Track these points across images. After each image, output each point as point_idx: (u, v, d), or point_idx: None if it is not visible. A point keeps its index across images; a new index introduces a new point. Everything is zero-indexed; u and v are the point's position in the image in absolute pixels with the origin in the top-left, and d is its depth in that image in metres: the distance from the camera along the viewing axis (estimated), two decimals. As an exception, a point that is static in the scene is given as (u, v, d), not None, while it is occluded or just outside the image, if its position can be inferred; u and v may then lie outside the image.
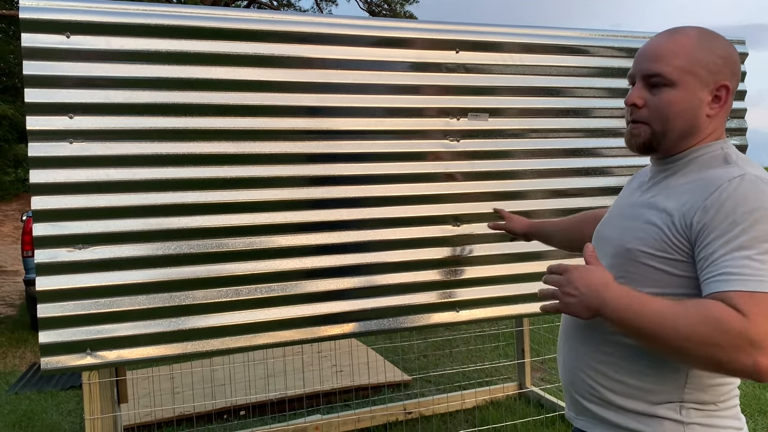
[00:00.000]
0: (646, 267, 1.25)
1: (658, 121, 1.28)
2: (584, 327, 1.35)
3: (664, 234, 1.22)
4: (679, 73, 1.25)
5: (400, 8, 21.21)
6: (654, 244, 1.23)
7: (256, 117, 2.31)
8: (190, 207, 2.22)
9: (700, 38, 1.27)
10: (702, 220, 1.16)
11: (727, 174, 1.18)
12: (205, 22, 2.24)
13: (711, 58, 1.25)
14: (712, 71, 1.25)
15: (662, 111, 1.27)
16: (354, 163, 2.42)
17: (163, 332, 2.18)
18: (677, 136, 1.29)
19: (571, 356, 1.40)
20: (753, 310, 1.05)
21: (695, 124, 1.28)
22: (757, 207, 1.11)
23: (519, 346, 4.46)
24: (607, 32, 2.91)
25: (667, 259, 1.22)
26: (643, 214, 1.29)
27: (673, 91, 1.26)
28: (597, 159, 2.87)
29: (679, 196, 1.24)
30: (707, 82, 1.25)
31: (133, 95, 2.17)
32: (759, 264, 1.08)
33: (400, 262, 2.47)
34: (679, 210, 1.21)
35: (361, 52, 2.42)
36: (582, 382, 1.35)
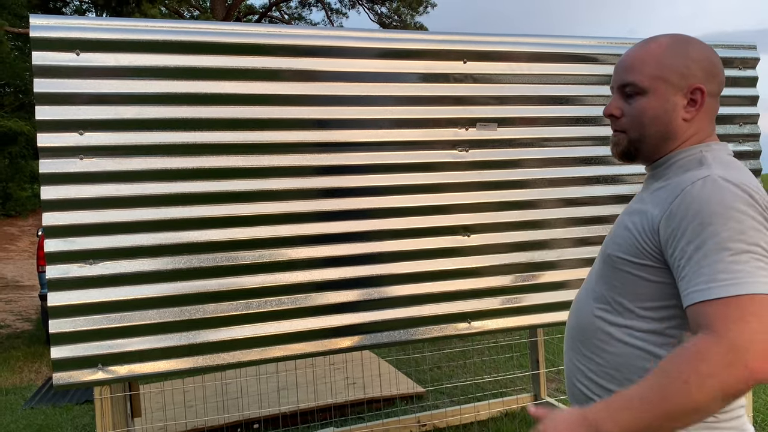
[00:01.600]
0: (624, 273, 1.24)
1: (635, 128, 1.30)
2: (578, 337, 1.35)
3: (635, 238, 1.22)
4: (650, 81, 1.26)
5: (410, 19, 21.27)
6: (628, 249, 1.23)
7: (265, 131, 2.32)
8: (200, 221, 2.23)
9: (671, 44, 1.27)
10: (668, 227, 1.15)
11: (691, 177, 1.17)
12: (214, 37, 2.26)
13: (682, 62, 1.25)
14: (684, 75, 1.25)
15: (637, 119, 1.29)
16: (363, 175, 2.42)
17: (173, 346, 2.18)
18: (654, 141, 1.29)
19: (568, 367, 1.39)
20: (723, 319, 1.03)
21: (671, 128, 1.27)
22: (719, 207, 1.10)
23: (533, 357, 4.42)
24: (616, 39, 2.90)
25: (641, 264, 1.21)
26: (624, 220, 1.29)
27: (646, 99, 1.27)
28: (608, 167, 2.85)
29: (651, 200, 1.24)
30: (680, 86, 1.25)
31: (143, 111, 2.19)
32: (726, 266, 1.06)
33: (410, 273, 2.46)
34: (648, 214, 1.21)
35: (369, 65, 2.43)
36: (579, 392, 1.33)
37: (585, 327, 1.29)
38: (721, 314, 1.04)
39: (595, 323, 1.30)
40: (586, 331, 1.29)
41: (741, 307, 1.03)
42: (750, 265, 1.06)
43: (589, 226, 2.80)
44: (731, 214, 1.09)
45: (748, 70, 3.07)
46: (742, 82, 3.04)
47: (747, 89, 3.05)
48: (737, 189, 1.11)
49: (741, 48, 3.03)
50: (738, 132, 3.06)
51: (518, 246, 2.63)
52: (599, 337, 1.28)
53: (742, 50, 3.02)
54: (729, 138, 3.03)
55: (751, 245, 1.07)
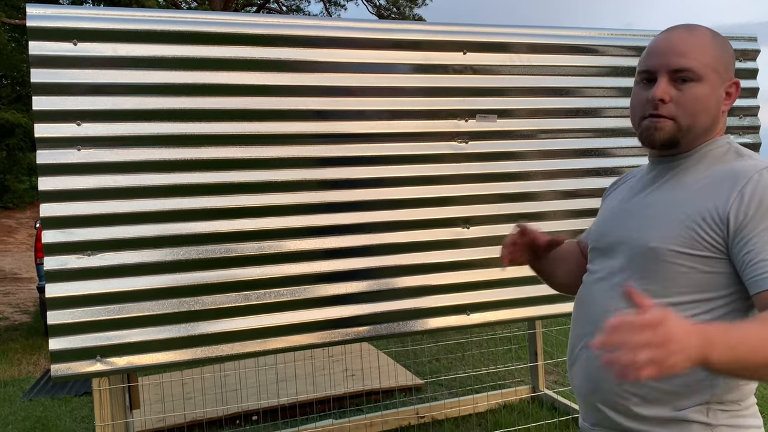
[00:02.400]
0: (672, 265, 1.20)
1: (686, 116, 1.26)
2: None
3: (694, 231, 1.18)
4: (706, 69, 1.24)
5: (408, 11, 21.19)
6: (683, 242, 1.19)
7: (264, 121, 2.30)
8: (199, 212, 2.22)
9: (715, 36, 1.28)
10: (739, 213, 1.14)
11: (753, 166, 1.17)
12: (212, 27, 2.24)
13: (726, 57, 1.27)
14: (727, 69, 1.27)
15: (691, 106, 1.25)
16: (362, 167, 2.41)
17: (172, 338, 2.18)
18: (701, 131, 1.27)
19: (592, 364, 1.31)
20: None
21: (716, 120, 1.28)
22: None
23: (532, 349, 4.42)
24: (616, 31, 2.89)
25: (697, 256, 1.18)
26: (665, 212, 1.25)
27: (701, 87, 1.24)
28: (608, 159, 2.85)
29: (703, 191, 1.22)
30: (724, 78, 1.26)
31: (141, 101, 2.17)
32: None
33: (410, 265, 2.45)
34: (710, 204, 1.18)
35: (368, 55, 2.42)
36: (608, 390, 1.27)
37: None
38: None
39: None
40: None
41: None
42: None
43: (589, 218, 2.79)
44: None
45: (749, 62, 3.06)
46: (743, 74, 3.03)
47: (747, 81, 3.04)
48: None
49: (741, 39, 3.02)
50: (738, 124, 3.06)
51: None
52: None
53: (742, 42, 3.01)
54: (729, 130, 3.03)
55: None
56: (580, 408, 1.39)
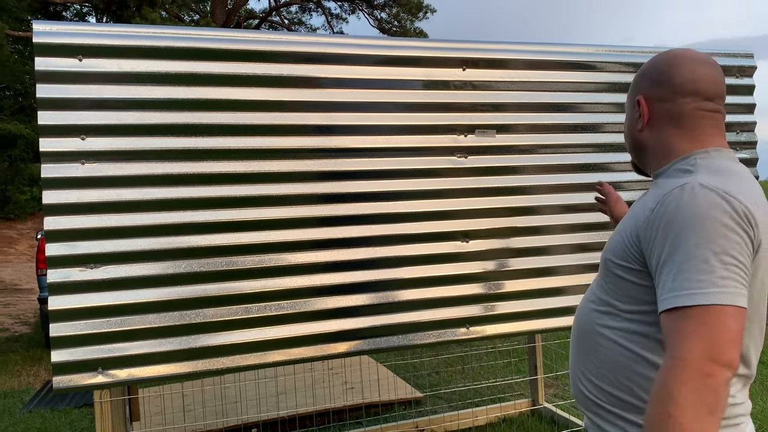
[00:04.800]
0: (616, 277, 1.26)
1: (627, 146, 1.41)
2: (579, 339, 1.37)
3: (624, 243, 1.24)
4: (627, 102, 1.38)
5: (410, 25, 21.29)
6: (618, 253, 1.25)
7: (265, 136, 2.33)
8: (201, 226, 2.25)
9: (646, 64, 1.35)
10: (646, 234, 1.17)
11: (674, 184, 1.16)
12: (216, 43, 2.27)
13: (635, 82, 1.35)
14: (634, 90, 1.35)
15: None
16: (363, 181, 2.43)
17: (174, 350, 2.20)
18: (633, 154, 1.39)
19: (572, 368, 1.41)
20: (677, 333, 1.05)
21: (635, 141, 1.36)
22: (692, 215, 1.09)
23: (531, 362, 4.43)
24: (613, 47, 2.92)
25: (629, 268, 1.22)
26: (618, 227, 1.32)
27: (625, 118, 1.39)
28: (606, 174, 2.87)
29: (640, 207, 1.26)
30: (633, 102, 1.34)
31: (145, 116, 2.20)
32: (690, 275, 1.06)
33: (409, 278, 2.47)
34: (633, 221, 1.23)
35: (369, 71, 2.45)
36: (580, 393, 1.35)
37: (584, 329, 1.33)
38: (676, 328, 1.05)
39: (593, 326, 1.32)
40: (585, 333, 1.32)
41: (698, 318, 1.04)
42: (715, 275, 1.05)
43: (588, 233, 2.81)
44: (702, 222, 1.08)
45: (745, 78, 3.09)
46: (740, 90, 3.06)
47: (744, 97, 3.07)
48: (715, 196, 1.10)
49: (738, 56, 3.05)
50: (735, 140, 3.08)
51: (517, 252, 2.65)
52: (595, 339, 1.30)
53: (739, 58, 3.04)
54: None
55: (719, 254, 1.06)
56: None
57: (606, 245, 1.33)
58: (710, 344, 1.02)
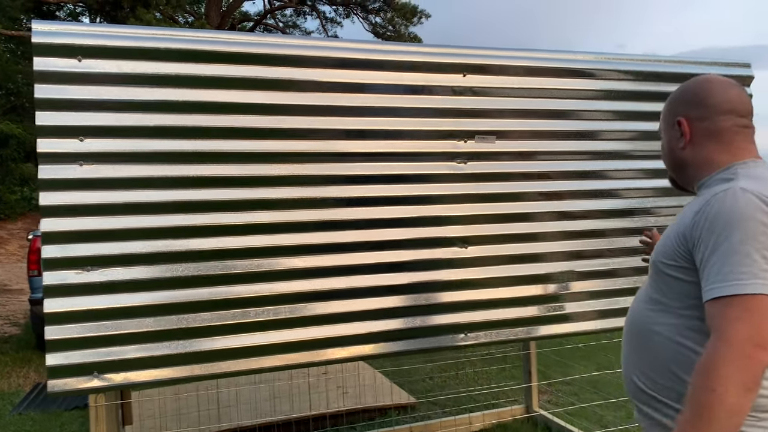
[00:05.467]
0: (666, 276, 1.40)
1: (666, 166, 1.57)
2: (634, 336, 1.50)
3: (672, 245, 1.37)
4: (661, 125, 1.55)
5: (404, 29, 21.33)
6: (667, 254, 1.39)
7: (265, 140, 2.32)
8: (199, 229, 2.23)
9: (675, 91, 1.52)
10: (693, 234, 1.31)
11: (717, 189, 1.31)
12: (215, 46, 2.26)
13: (672, 105, 1.50)
14: (673, 113, 1.49)
15: (663, 158, 1.57)
16: (362, 185, 2.42)
17: (170, 354, 2.18)
18: (676, 173, 1.54)
19: (625, 362, 1.53)
20: (724, 318, 1.19)
21: (677, 160, 1.50)
22: (734, 215, 1.23)
23: (526, 369, 4.42)
24: (613, 55, 2.92)
25: (678, 267, 1.36)
26: (667, 230, 1.46)
27: (662, 141, 1.55)
28: (603, 181, 2.87)
29: (686, 212, 1.40)
30: (671, 123, 1.49)
31: (144, 118, 2.19)
32: (733, 268, 1.20)
33: (408, 284, 2.46)
34: (681, 223, 1.37)
35: (370, 76, 2.44)
36: (634, 385, 1.47)
37: (639, 328, 1.47)
38: (722, 313, 1.20)
39: (648, 324, 1.44)
40: (641, 331, 1.46)
41: (740, 306, 1.18)
42: (757, 267, 1.19)
43: (585, 240, 2.82)
44: (745, 222, 1.22)
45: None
46: (737, 99, 3.06)
47: (741, 106, 3.07)
48: (754, 198, 1.24)
49: (736, 66, 3.06)
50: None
51: (515, 258, 2.64)
52: (651, 336, 1.43)
53: (737, 68, 3.05)
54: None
55: (760, 249, 1.20)
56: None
57: (654, 251, 1.47)
58: (753, 329, 1.16)
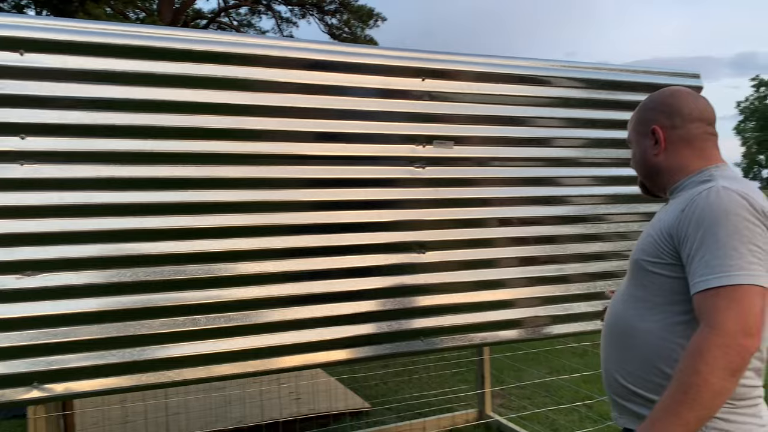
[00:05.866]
0: (649, 273, 1.47)
1: (637, 173, 1.66)
2: (616, 335, 1.56)
3: (656, 243, 1.46)
4: (631, 135, 1.65)
5: (360, 32, 21.32)
6: (651, 252, 1.47)
7: (219, 140, 2.25)
8: (149, 233, 2.15)
9: (645, 100, 1.62)
10: (680, 230, 1.39)
11: (701, 188, 1.41)
12: (166, 43, 2.19)
13: (641, 113, 1.61)
14: (644, 122, 1.60)
15: (633, 166, 1.67)
16: (319, 189, 2.38)
17: (116, 363, 2.09)
18: (648, 179, 1.62)
19: (606, 362, 1.60)
20: (714, 308, 1.27)
21: (651, 166, 1.59)
22: (719, 211, 1.33)
23: (479, 373, 4.44)
24: (567, 63, 2.96)
25: (662, 263, 1.44)
26: (647, 231, 1.54)
27: (632, 149, 1.66)
28: (557, 188, 2.90)
29: (667, 211, 1.49)
30: (644, 132, 1.60)
31: (89, 116, 2.09)
32: (721, 261, 1.29)
33: (365, 289, 2.43)
34: (664, 221, 1.46)
35: (328, 78, 2.40)
36: (617, 383, 1.53)
37: (622, 325, 1.53)
38: (711, 303, 1.29)
39: (631, 321, 1.51)
40: (623, 328, 1.53)
41: (730, 296, 1.27)
42: (743, 260, 1.29)
43: (539, 246, 2.84)
44: (729, 217, 1.31)
45: (691, 98, 3.16)
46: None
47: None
48: (736, 195, 1.34)
49: (686, 76, 3.14)
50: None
51: (472, 264, 2.64)
52: (635, 333, 1.49)
53: (687, 78, 3.13)
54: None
55: (746, 242, 1.30)
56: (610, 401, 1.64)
57: (634, 251, 1.56)
58: (741, 317, 1.26)
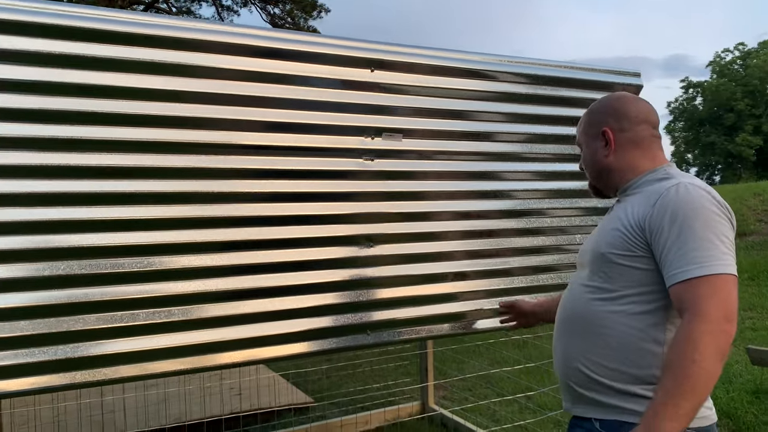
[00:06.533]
0: (616, 265, 1.53)
1: (588, 174, 1.74)
2: (576, 326, 1.61)
3: (624, 236, 1.52)
4: (581, 138, 1.73)
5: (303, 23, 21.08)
6: (620, 245, 1.52)
7: (158, 128, 2.16)
8: (82, 223, 2.04)
9: (594, 104, 1.71)
10: (653, 224, 1.46)
11: (667, 184, 1.50)
12: (104, 24, 2.08)
13: (591, 116, 1.70)
14: (594, 125, 1.68)
15: (585, 168, 1.74)
16: (263, 180, 2.32)
17: (48, 361, 1.98)
18: (599, 180, 1.71)
19: (564, 353, 1.65)
20: (698, 296, 1.35)
21: (602, 167, 1.67)
22: (691, 206, 1.41)
23: (422, 365, 4.47)
24: (512, 58, 2.98)
25: (631, 256, 1.51)
26: (609, 225, 1.60)
27: (583, 152, 1.74)
28: (500, 182, 2.92)
29: (632, 206, 1.55)
30: (594, 134, 1.68)
31: (17, 99, 1.97)
32: (699, 252, 1.37)
33: (311, 283, 2.39)
34: (633, 216, 1.52)
35: (272, 65, 2.33)
36: (580, 373, 1.58)
37: (585, 316, 1.59)
38: (693, 293, 1.36)
39: (595, 312, 1.56)
40: (587, 319, 1.58)
41: (710, 285, 1.35)
42: (718, 251, 1.38)
43: (483, 239, 2.85)
44: (701, 211, 1.41)
45: (631, 96, 3.24)
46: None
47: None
48: (703, 191, 1.45)
49: (627, 74, 3.21)
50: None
51: (418, 257, 2.64)
52: (600, 323, 1.55)
53: (627, 77, 3.20)
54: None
55: (718, 234, 1.39)
56: (562, 391, 1.70)
57: (596, 244, 1.61)
58: (722, 304, 1.34)
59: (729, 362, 5.39)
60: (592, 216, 3.13)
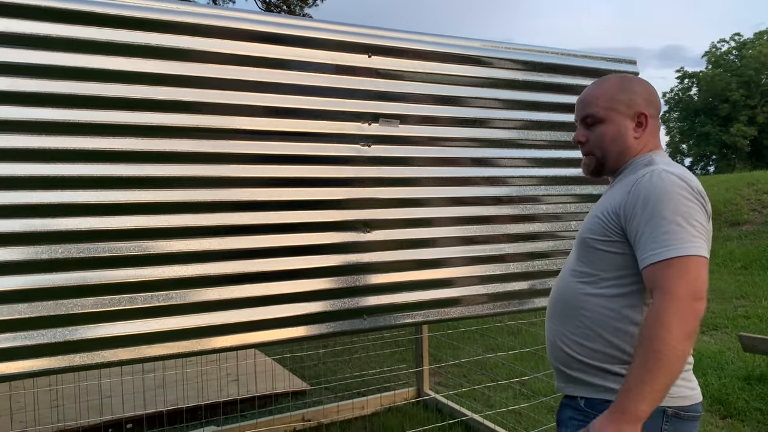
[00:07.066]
0: (598, 251, 1.60)
1: (598, 149, 1.70)
2: (562, 307, 1.68)
3: (602, 222, 1.59)
4: (606, 112, 1.67)
5: (299, 10, 20.96)
6: (599, 231, 1.60)
7: (155, 112, 2.16)
8: (80, 207, 2.05)
9: (618, 83, 1.69)
10: (627, 210, 1.52)
11: (644, 171, 1.55)
12: (105, 8, 2.07)
13: (625, 96, 1.67)
14: (630, 105, 1.66)
15: (599, 141, 1.69)
16: (261, 165, 2.32)
17: (47, 343, 1.99)
18: (615, 157, 1.69)
19: (551, 332, 1.72)
20: (668, 277, 1.40)
21: (626, 146, 1.68)
22: (663, 192, 1.46)
23: (418, 352, 4.50)
24: (505, 44, 2.97)
25: (609, 241, 1.58)
26: (594, 212, 1.67)
27: (604, 126, 1.68)
28: (495, 169, 2.93)
29: (614, 193, 1.62)
30: (628, 114, 1.66)
31: (15, 83, 1.97)
32: (669, 236, 1.43)
33: (308, 268, 2.40)
34: (610, 203, 1.59)
35: (271, 50, 2.34)
36: (561, 351, 1.66)
37: (568, 299, 1.67)
38: (664, 274, 1.42)
39: (577, 295, 1.64)
40: (569, 301, 1.66)
41: (680, 266, 1.41)
42: (687, 233, 1.43)
43: (478, 225, 2.87)
44: (672, 197, 1.46)
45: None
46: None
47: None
48: (676, 178, 1.49)
49: (623, 62, 3.22)
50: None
51: (415, 243, 2.65)
52: (580, 305, 1.63)
53: (623, 64, 3.22)
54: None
55: (688, 218, 1.44)
56: (554, 373, 1.76)
57: (581, 230, 1.69)
58: (691, 284, 1.39)
59: (721, 349, 5.44)
60: (586, 203, 3.15)
